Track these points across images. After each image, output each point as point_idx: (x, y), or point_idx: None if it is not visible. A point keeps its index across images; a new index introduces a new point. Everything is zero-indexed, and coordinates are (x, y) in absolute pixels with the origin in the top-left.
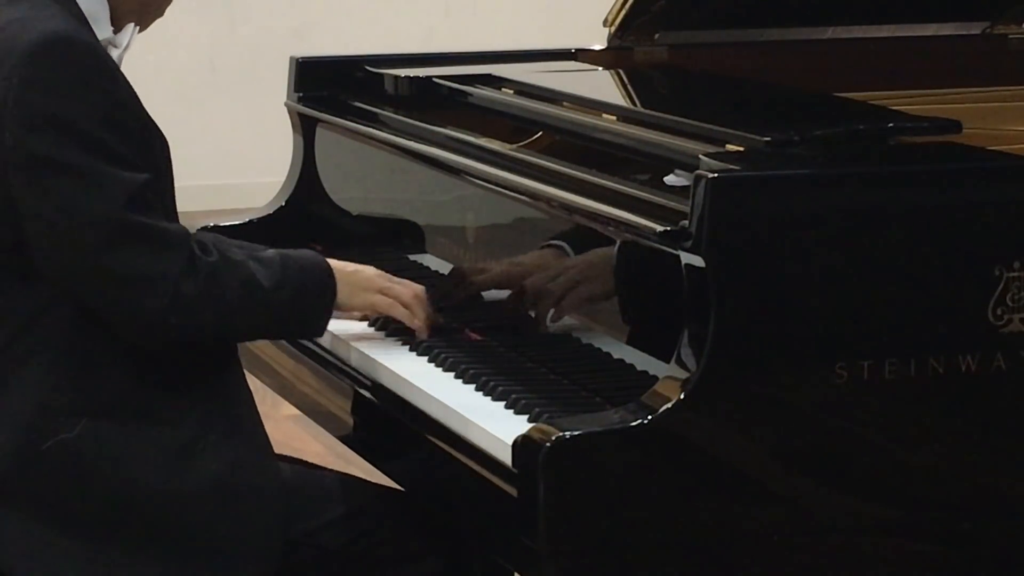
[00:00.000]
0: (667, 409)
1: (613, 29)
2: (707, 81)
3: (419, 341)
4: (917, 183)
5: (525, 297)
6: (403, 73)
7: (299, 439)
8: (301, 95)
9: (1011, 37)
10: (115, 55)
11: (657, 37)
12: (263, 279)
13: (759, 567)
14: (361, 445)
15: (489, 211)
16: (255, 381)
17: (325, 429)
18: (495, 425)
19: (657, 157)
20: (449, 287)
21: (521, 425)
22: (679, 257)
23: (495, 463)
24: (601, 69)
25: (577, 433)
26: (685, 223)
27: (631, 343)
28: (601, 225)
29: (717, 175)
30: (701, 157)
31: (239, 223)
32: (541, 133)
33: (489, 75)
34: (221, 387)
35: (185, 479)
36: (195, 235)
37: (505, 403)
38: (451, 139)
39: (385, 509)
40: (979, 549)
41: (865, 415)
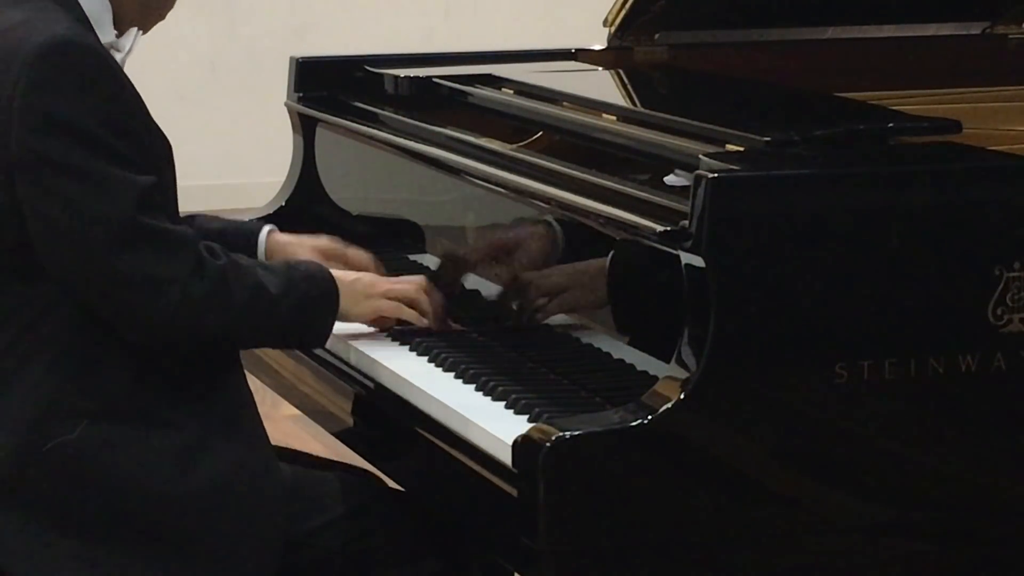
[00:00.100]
0: (667, 409)
1: (613, 29)
2: (707, 81)
3: (419, 341)
4: (917, 183)
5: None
6: (403, 73)
7: (299, 439)
8: (301, 95)
9: (1011, 37)
10: (118, 58)
11: (657, 37)
12: (270, 285)
13: (759, 567)
14: (361, 445)
15: (489, 211)
16: (255, 381)
17: (325, 429)
18: (495, 425)
19: (657, 157)
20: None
21: (521, 425)
22: (679, 257)
23: (495, 463)
24: (601, 69)
25: (577, 433)
26: (685, 223)
27: (631, 343)
28: (601, 225)
29: (717, 175)
30: (701, 157)
31: None
32: (541, 133)
33: (489, 75)
34: (222, 389)
35: (186, 481)
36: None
37: (505, 403)
38: (451, 139)
39: (385, 509)
40: (979, 549)
41: (865, 415)
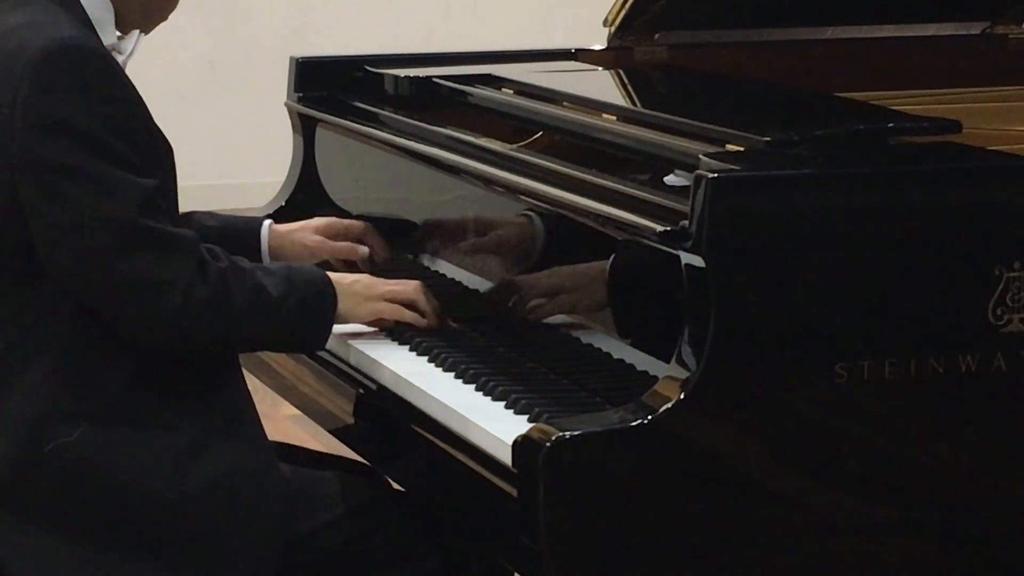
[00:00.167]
0: (667, 409)
1: (613, 29)
2: (707, 81)
3: (419, 341)
4: (917, 183)
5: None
6: (403, 73)
7: (299, 439)
8: (301, 95)
9: (1011, 37)
10: (120, 60)
11: (657, 37)
12: (271, 288)
13: (759, 567)
14: (361, 445)
15: (489, 211)
16: (255, 381)
17: (325, 429)
18: (495, 425)
19: (657, 157)
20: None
21: (521, 425)
22: (679, 257)
23: (495, 463)
24: (601, 69)
25: (577, 433)
26: (685, 223)
27: (631, 343)
28: (601, 225)
29: (717, 175)
30: (701, 157)
31: None
32: (541, 133)
33: (489, 75)
34: (221, 390)
35: (185, 482)
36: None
37: (505, 403)
38: (451, 139)
39: (385, 509)
40: (979, 549)
41: (865, 415)
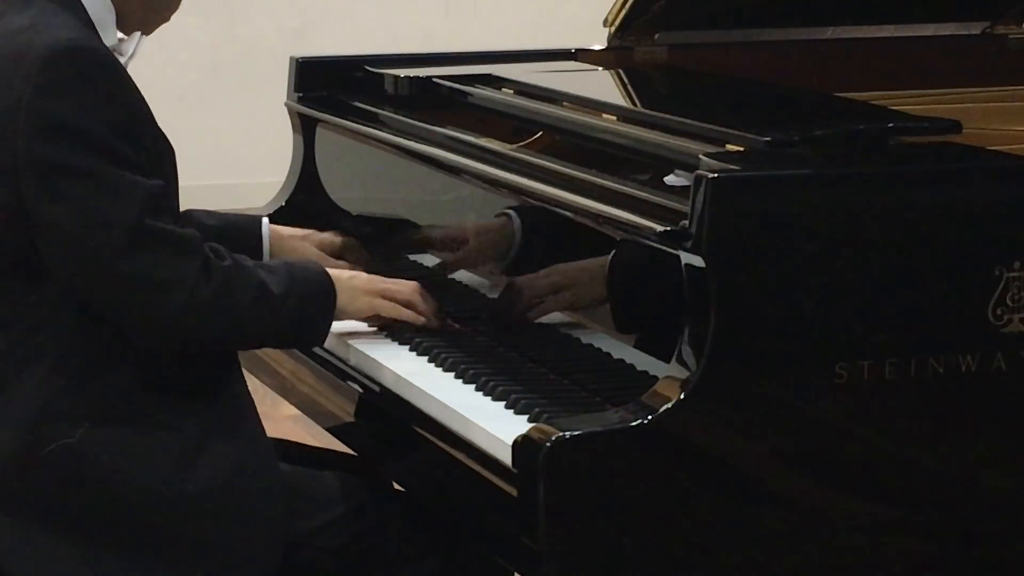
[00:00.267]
0: (667, 409)
1: (613, 29)
2: (707, 81)
3: (419, 341)
4: (917, 183)
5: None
6: (403, 73)
7: (299, 439)
8: (301, 95)
9: (1011, 37)
10: (121, 62)
11: (657, 37)
12: (273, 285)
13: (759, 567)
14: (361, 445)
15: (489, 211)
16: (255, 381)
17: (325, 429)
18: (495, 425)
19: (657, 157)
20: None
21: (521, 425)
22: (679, 257)
23: (495, 463)
24: (601, 69)
25: (577, 433)
26: (685, 223)
27: (631, 343)
28: (601, 225)
29: (717, 175)
30: (701, 157)
31: None
32: (541, 133)
33: (489, 75)
34: (222, 391)
35: (186, 483)
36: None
37: (505, 403)
38: (451, 139)
39: (385, 509)
40: (979, 549)
41: (865, 415)
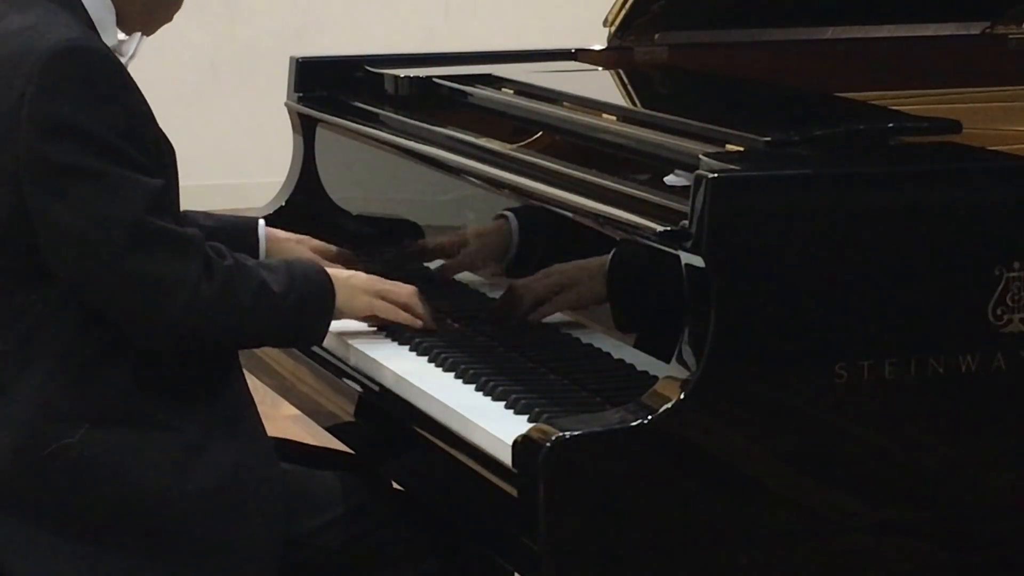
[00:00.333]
0: (667, 409)
1: (613, 29)
2: (707, 81)
3: (419, 341)
4: (917, 183)
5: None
6: (403, 73)
7: (299, 439)
8: (301, 95)
9: (1011, 37)
10: (122, 62)
11: (657, 37)
12: (273, 284)
13: (759, 567)
14: (361, 445)
15: (489, 211)
16: (255, 381)
17: (325, 429)
18: (495, 425)
19: (657, 157)
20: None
21: (521, 425)
22: (679, 257)
23: (495, 463)
24: (601, 69)
25: (577, 433)
26: (685, 223)
27: (631, 343)
28: (601, 225)
29: (717, 175)
30: (701, 157)
31: None
32: (541, 133)
33: (489, 75)
34: (222, 391)
35: (187, 483)
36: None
37: (505, 403)
38: (451, 139)
39: (385, 509)
40: (979, 549)
41: (865, 415)
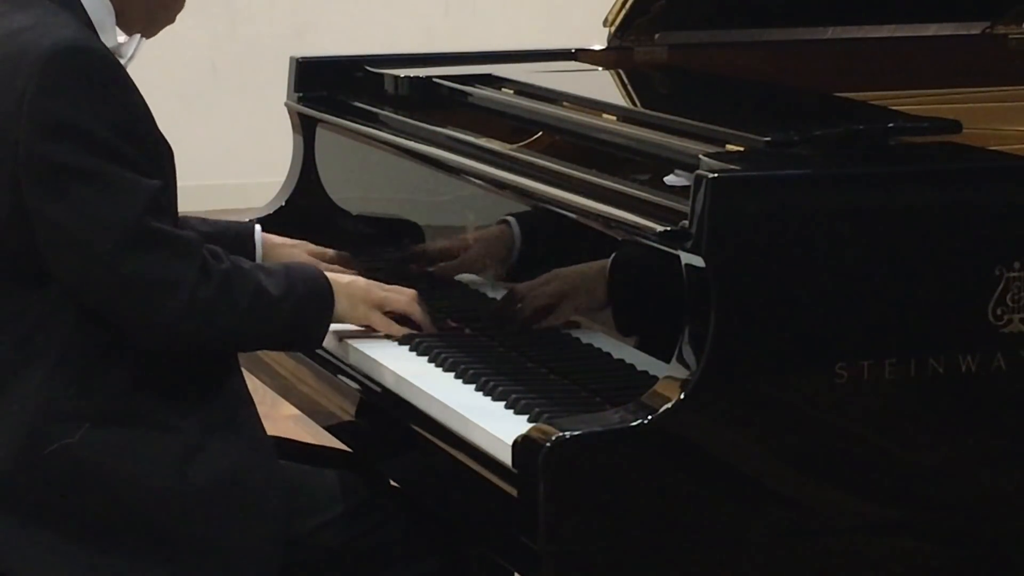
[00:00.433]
0: (667, 409)
1: (613, 29)
2: (707, 81)
3: (419, 341)
4: (917, 183)
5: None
6: (403, 73)
7: (299, 439)
8: (301, 95)
9: (1011, 37)
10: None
11: (657, 37)
12: (271, 288)
13: (759, 567)
14: (361, 445)
15: (489, 211)
16: (255, 381)
17: (325, 429)
18: (495, 425)
19: (657, 157)
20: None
21: (521, 425)
22: (679, 257)
23: (495, 463)
24: (601, 69)
25: (577, 433)
26: (685, 223)
27: (631, 343)
28: (601, 225)
29: (717, 175)
30: (701, 157)
31: None
32: (541, 133)
33: (489, 75)
34: (222, 391)
35: (187, 483)
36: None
37: (505, 403)
38: (451, 139)
39: (384, 508)
40: (979, 549)
41: (865, 415)
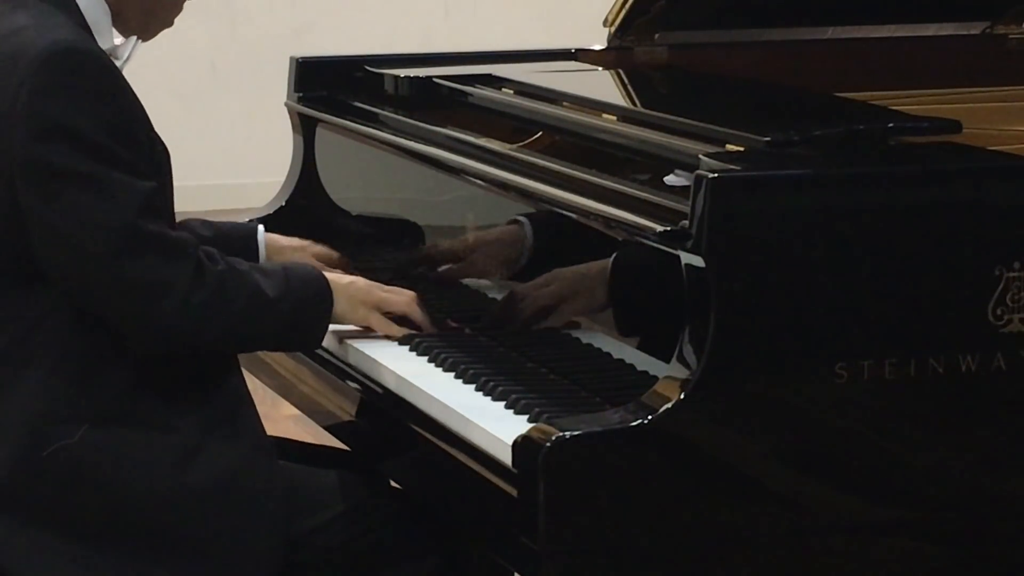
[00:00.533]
0: (667, 409)
1: (613, 29)
2: (707, 81)
3: (419, 341)
4: (917, 183)
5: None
6: (403, 73)
7: (299, 439)
8: (301, 95)
9: (1011, 37)
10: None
11: (657, 37)
12: (268, 289)
13: (759, 567)
14: (361, 445)
15: (489, 211)
16: (255, 381)
17: (325, 429)
18: (495, 425)
19: (657, 157)
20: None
21: (521, 425)
22: (679, 257)
23: (495, 463)
24: (601, 69)
25: (577, 433)
26: (685, 223)
27: (631, 343)
28: (601, 225)
29: (717, 175)
30: (701, 157)
31: None
32: (541, 133)
33: (489, 75)
34: (221, 391)
35: (186, 483)
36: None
37: (505, 403)
38: (451, 139)
39: (384, 508)
40: (979, 549)
41: (865, 415)
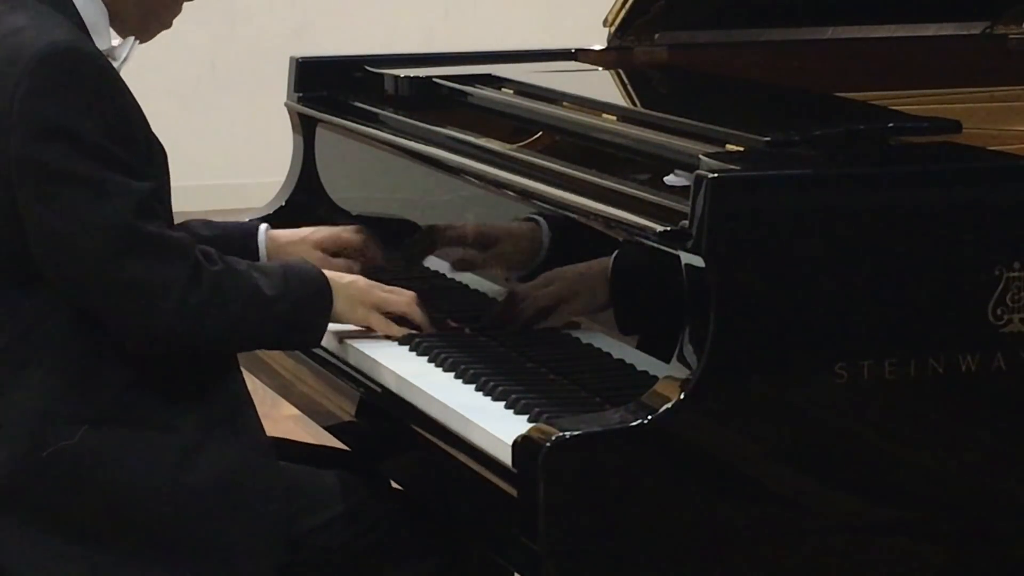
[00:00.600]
0: (667, 409)
1: (613, 29)
2: (707, 81)
3: (419, 341)
4: (917, 183)
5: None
6: (403, 73)
7: (299, 439)
8: (301, 95)
9: (1011, 37)
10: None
11: (657, 37)
12: (266, 289)
13: (759, 567)
14: (361, 445)
15: (489, 211)
16: (255, 381)
17: (325, 429)
18: (495, 425)
19: (657, 157)
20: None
21: (521, 425)
22: (679, 257)
23: (495, 463)
24: (601, 69)
25: (577, 433)
26: (685, 223)
27: (631, 343)
28: (601, 225)
29: (717, 175)
30: (701, 157)
31: None
32: (541, 133)
33: (489, 75)
34: (220, 390)
35: (186, 483)
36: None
37: (505, 403)
38: (451, 139)
39: (384, 508)
40: (979, 549)
41: (865, 415)
